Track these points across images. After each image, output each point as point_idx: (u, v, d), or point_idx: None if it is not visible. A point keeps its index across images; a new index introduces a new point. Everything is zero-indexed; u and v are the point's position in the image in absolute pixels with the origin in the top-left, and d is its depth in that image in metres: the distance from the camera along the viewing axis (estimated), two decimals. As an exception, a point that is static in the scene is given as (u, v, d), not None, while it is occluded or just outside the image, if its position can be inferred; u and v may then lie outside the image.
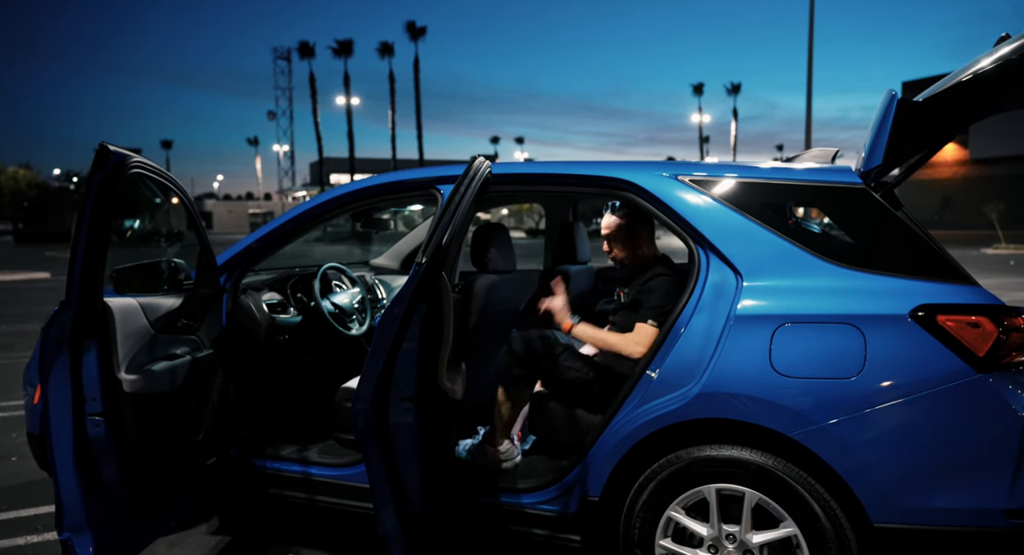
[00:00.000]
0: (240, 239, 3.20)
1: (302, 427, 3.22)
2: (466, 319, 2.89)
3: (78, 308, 2.13)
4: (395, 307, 1.93)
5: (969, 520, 2.05)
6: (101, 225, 2.12)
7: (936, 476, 2.07)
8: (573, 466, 2.51)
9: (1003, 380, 2.06)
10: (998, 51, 2.18)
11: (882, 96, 2.43)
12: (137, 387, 2.32)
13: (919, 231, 2.30)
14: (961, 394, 2.05)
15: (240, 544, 3.13)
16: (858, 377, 2.09)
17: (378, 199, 3.09)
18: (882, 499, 2.10)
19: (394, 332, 1.89)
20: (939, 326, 2.08)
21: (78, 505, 2.18)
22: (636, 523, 2.39)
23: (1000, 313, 2.09)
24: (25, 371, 3.56)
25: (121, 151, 2.19)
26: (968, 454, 2.06)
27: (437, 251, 1.91)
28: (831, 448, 2.11)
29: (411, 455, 2.06)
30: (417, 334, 1.90)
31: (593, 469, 2.46)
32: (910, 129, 2.31)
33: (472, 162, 2.15)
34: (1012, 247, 24.85)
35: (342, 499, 2.89)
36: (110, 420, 2.23)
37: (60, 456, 2.16)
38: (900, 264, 2.23)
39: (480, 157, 2.21)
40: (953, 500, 2.05)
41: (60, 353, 2.14)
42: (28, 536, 3.22)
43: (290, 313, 3.40)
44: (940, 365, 2.06)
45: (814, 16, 21.26)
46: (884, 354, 2.10)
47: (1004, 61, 2.10)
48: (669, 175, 2.60)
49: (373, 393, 1.92)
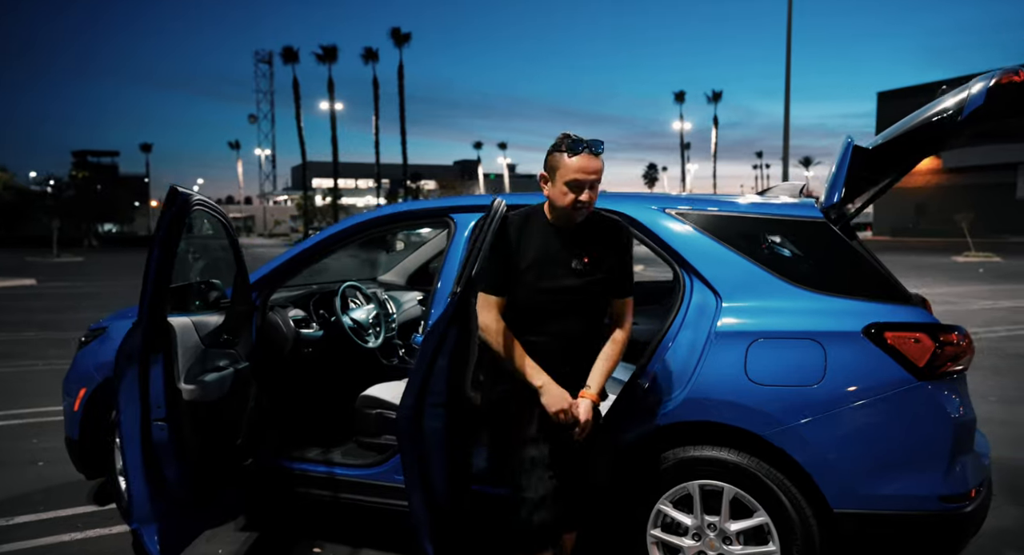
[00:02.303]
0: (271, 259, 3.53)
1: (325, 432, 3.55)
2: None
3: (147, 326, 2.45)
4: (434, 330, 2.26)
5: (911, 505, 2.44)
6: (170, 252, 2.45)
7: (884, 468, 2.45)
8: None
9: (939, 387, 2.45)
10: (937, 106, 2.59)
11: (842, 142, 2.84)
12: (194, 396, 2.64)
13: (870, 258, 2.69)
14: (905, 399, 2.43)
15: (268, 540, 3.45)
16: (819, 384, 2.46)
17: (397, 225, 3.44)
18: (840, 488, 2.47)
19: (431, 352, 2.24)
20: (886, 341, 2.46)
21: (145, 500, 2.50)
22: (631, 515, 2.74)
23: (937, 330, 2.48)
24: (64, 381, 3.86)
25: (186, 191, 2.53)
26: (910, 449, 2.45)
27: (468, 282, 2.25)
28: (797, 445, 2.48)
29: (439, 454, 2.40)
30: (449, 353, 2.24)
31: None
32: (863, 171, 2.71)
33: (492, 202, 2.50)
34: (981, 255, 25.61)
35: (364, 496, 3.21)
36: (172, 425, 2.55)
37: (131, 457, 2.48)
38: (854, 287, 2.61)
39: (498, 199, 2.56)
40: (898, 488, 2.43)
41: (131, 366, 2.46)
42: (72, 533, 3.51)
43: (312, 328, 3.73)
44: (887, 374, 2.44)
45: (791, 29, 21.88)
46: (841, 365, 2.48)
47: (942, 117, 2.49)
48: (657, 207, 2.96)
49: (413, 402, 2.26)
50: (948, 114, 2.47)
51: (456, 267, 3.12)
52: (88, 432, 3.69)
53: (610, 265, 2.43)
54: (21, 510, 3.79)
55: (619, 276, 2.46)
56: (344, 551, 3.33)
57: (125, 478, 2.51)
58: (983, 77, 2.50)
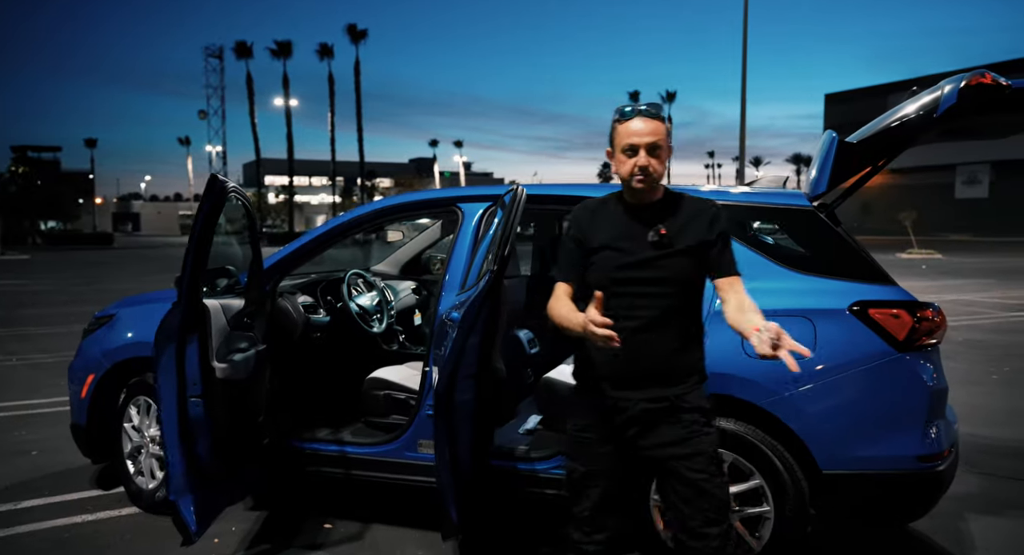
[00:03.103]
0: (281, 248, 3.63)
1: (334, 413, 3.68)
2: None
3: (186, 307, 2.57)
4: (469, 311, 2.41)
5: (892, 465, 2.70)
6: (208, 239, 2.57)
7: (868, 432, 2.71)
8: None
9: (916, 358, 2.73)
10: (910, 104, 2.87)
11: (823, 136, 3.11)
12: (226, 374, 2.76)
13: (853, 243, 2.95)
14: (886, 369, 2.70)
15: (279, 517, 3.56)
16: (812, 356, 2.70)
17: (404, 214, 3.59)
18: (828, 452, 2.72)
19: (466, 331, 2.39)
20: (870, 317, 2.72)
21: (181, 473, 2.61)
22: (636, 482, 2.94)
23: (915, 307, 2.75)
24: (70, 369, 3.91)
25: (223, 180, 2.65)
26: (891, 414, 2.71)
27: (503, 261, 2.42)
28: (791, 413, 2.72)
29: (467, 426, 2.57)
30: (481, 331, 2.41)
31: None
32: (846, 163, 2.97)
33: (515, 190, 2.67)
34: (924, 252, 26.71)
35: (376, 472, 3.36)
36: (207, 401, 2.67)
37: (168, 432, 2.59)
38: (840, 269, 2.87)
39: (518, 185, 2.73)
40: (880, 449, 2.70)
41: (169, 344, 2.56)
42: (83, 516, 3.57)
43: (320, 314, 3.85)
44: (871, 347, 2.70)
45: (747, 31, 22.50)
46: (829, 339, 2.73)
47: (920, 114, 2.78)
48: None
49: (448, 378, 2.42)
50: (925, 111, 2.75)
51: (465, 253, 3.30)
52: (95, 418, 3.75)
53: (694, 241, 2.11)
54: (26, 495, 3.82)
55: (711, 254, 2.14)
56: (354, 527, 3.46)
57: (163, 452, 2.62)
58: (953, 79, 2.79)
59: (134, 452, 3.68)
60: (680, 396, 2.14)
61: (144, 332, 3.66)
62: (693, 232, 2.13)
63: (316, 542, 3.31)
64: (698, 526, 2.10)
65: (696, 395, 2.17)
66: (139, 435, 3.65)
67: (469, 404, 2.52)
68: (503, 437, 3.33)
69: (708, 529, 2.09)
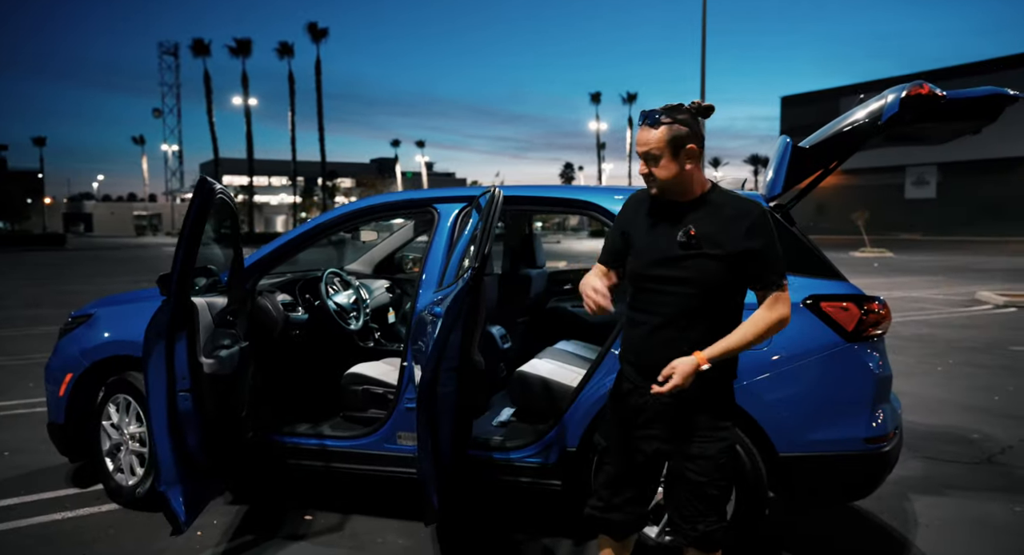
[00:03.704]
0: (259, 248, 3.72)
1: (313, 408, 3.78)
2: None
3: (175, 304, 2.66)
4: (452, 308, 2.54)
5: (842, 447, 2.91)
6: (197, 238, 2.66)
7: (820, 416, 2.92)
8: (551, 427, 3.21)
9: (863, 348, 2.94)
10: (858, 112, 3.10)
11: (778, 141, 3.32)
12: (213, 369, 2.85)
13: (807, 242, 3.16)
14: (836, 358, 2.91)
15: (260, 510, 3.65)
16: (768, 347, 2.90)
17: (382, 214, 3.71)
18: (785, 436, 2.92)
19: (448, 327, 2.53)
20: (822, 310, 2.93)
21: (171, 465, 2.70)
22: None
23: (862, 300, 2.97)
24: (46, 369, 3.94)
25: (213, 182, 2.75)
26: (841, 400, 2.93)
27: (483, 258, 2.56)
28: (752, 401, 2.91)
29: (448, 418, 2.71)
30: (462, 326, 2.55)
31: (571, 427, 3.16)
32: (799, 166, 3.19)
33: (493, 191, 2.81)
34: (876, 251, 27.59)
35: (356, 464, 3.48)
36: (195, 396, 2.76)
37: (158, 425, 2.67)
38: (795, 266, 3.06)
39: (496, 188, 2.87)
40: (831, 433, 2.91)
41: (159, 341, 2.65)
42: (63, 513, 3.62)
43: (298, 312, 3.94)
44: (822, 338, 2.91)
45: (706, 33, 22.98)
46: (785, 331, 2.88)
47: (866, 121, 3.00)
48: (622, 198, 3.35)
49: (431, 373, 2.54)
50: (871, 118, 2.98)
51: (442, 252, 3.43)
52: (73, 416, 3.79)
53: (725, 247, 2.10)
54: (2, 495, 3.84)
55: (747, 262, 2.11)
56: (334, 518, 3.57)
57: (153, 445, 2.70)
58: (895, 89, 3.02)
59: (113, 450, 3.72)
60: (694, 397, 2.15)
61: (123, 331, 3.72)
62: (727, 236, 2.10)
63: (298, 533, 3.41)
64: (691, 516, 2.22)
65: (714, 398, 2.20)
66: (118, 433, 3.70)
67: (451, 396, 2.66)
68: (478, 428, 3.46)
69: (698, 522, 2.21)
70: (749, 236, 2.10)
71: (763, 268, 2.14)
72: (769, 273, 2.14)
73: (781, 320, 2.17)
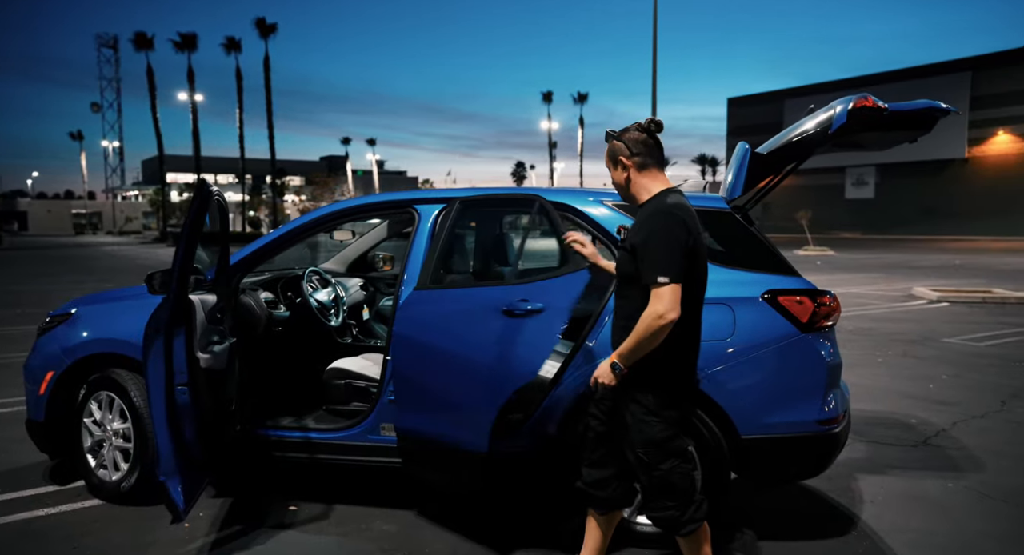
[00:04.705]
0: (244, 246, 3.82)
1: (296, 402, 3.90)
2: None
3: (174, 302, 2.76)
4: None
5: (797, 429, 3.18)
6: (195, 238, 2.77)
7: (778, 401, 3.18)
8: (527, 419, 3.39)
9: (816, 338, 3.22)
10: (808, 121, 3.37)
11: (737, 147, 3.58)
12: (209, 364, 2.96)
13: (765, 241, 3.43)
14: (792, 347, 3.17)
15: (246, 502, 3.75)
16: (731, 338, 3.15)
17: (363, 215, 3.85)
18: (746, 419, 3.17)
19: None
20: (779, 304, 3.19)
21: (170, 456, 2.80)
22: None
23: (815, 294, 3.25)
24: (25, 368, 3.97)
25: (211, 186, 2.87)
26: (796, 386, 3.19)
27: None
28: (715, 387, 3.15)
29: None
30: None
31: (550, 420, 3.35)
32: (757, 171, 3.45)
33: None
34: (818, 249, 28.59)
35: (340, 455, 3.60)
36: (192, 389, 2.86)
37: (157, 418, 2.77)
38: (753, 263, 3.34)
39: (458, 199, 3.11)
40: (787, 416, 3.17)
41: (158, 337, 2.75)
42: (45, 509, 3.66)
43: (280, 309, 4.05)
44: (779, 329, 3.18)
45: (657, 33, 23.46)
46: (746, 323, 3.18)
47: (817, 130, 3.27)
48: (594, 199, 3.57)
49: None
50: (821, 127, 3.25)
51: (422, 252, 3.58)
52: (54, 414, 3.83)
53: (631, 241, 2.46)
54: (-20, 494, 3.85)
55: (637, 257, 2.42)
56: (318, 507, 3.70)
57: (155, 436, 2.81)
58: (842, 101, 3.30)
59: (95, 446, 3.78)
60: (624, 388, 2.48)
61: (106, 329, 3.78)
62: (632, 233, 2.51)
63: (284, 522, 3.53)
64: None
65: (642, 387, 2.46)
66: (100, 430, 3.75)
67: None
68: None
69: (650, 506, 2.54)
70: (635, 232, 2.47)
71: (641, 263, 2.41)
72: (645, 269, 2.39)
73: (653, 315, 2.33)
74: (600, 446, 2.63)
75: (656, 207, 2.47)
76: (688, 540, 2.52)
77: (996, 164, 45.29)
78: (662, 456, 2.46)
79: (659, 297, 2.33)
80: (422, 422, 3.15)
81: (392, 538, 3.36)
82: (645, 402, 2.46)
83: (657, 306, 2.33)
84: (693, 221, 2.45)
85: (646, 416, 2.46)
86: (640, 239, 2.41)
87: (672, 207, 2.44)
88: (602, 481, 2.62)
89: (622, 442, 2.54)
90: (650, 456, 2.45)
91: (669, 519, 2.50)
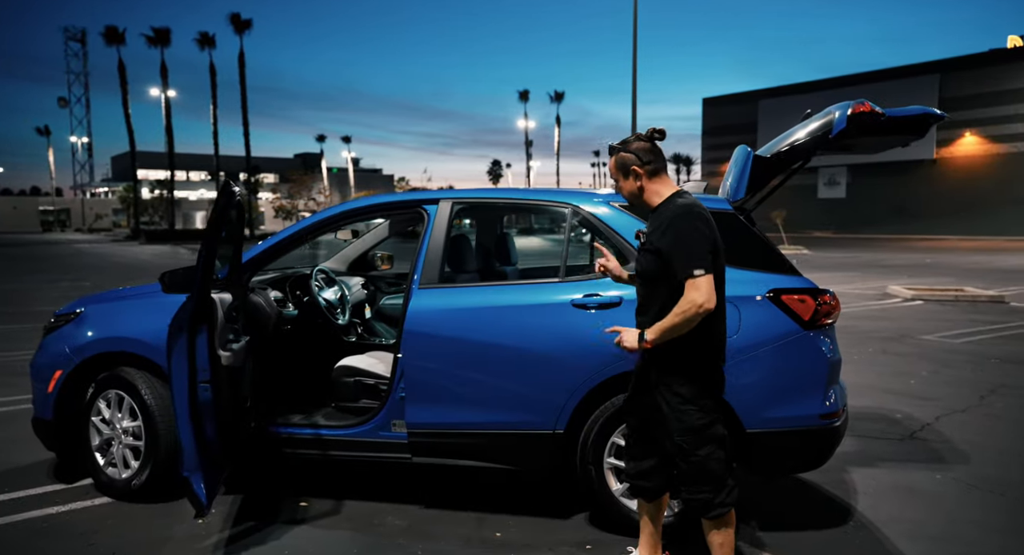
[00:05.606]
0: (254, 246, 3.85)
1: (306, 399, 3.94)
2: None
3: (198, 300, 2.80)
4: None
5: (799, 423, 3.30)
6: (218, 236, 2.81)
7: (781, 396, 3.29)
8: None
9: (818, 335, 3.34)
10: (807, 126, 3.49)
11: (737, 150, 3.71)
12: (229, 362, 3.00)
13: (767, 242, 3.54)
14: (795, 344, 3.29)
15: (257, 499, 3.79)
16: (737, 336, 3.26)
17: (372, 214, 3.90)
18: (751, 414, 3.28)
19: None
20: (783, 302, 3.31)
21: (193, 453, 2.84)
22: (590, 447, 3.40)
23: (817, 293, 3.37)
24: (32, 366, 3.97)
25: (235, 186, 2.91)
26: (799, 381, 3.31)
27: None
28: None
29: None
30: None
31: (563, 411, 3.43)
32: (759, 173, 3.57)
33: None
34: (794, 248, 29.03)
35: (352, 451, 3.66)
36: (214, 386, 2.90)
37: (181, 415, 2.81)
38: (757, 263, 3.45)
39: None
40: (791, 410, 3.29)
41: (182, 335, 2.79)
42: (55, 507, 3.66)
43: (289, 307, 4.09)
44: (783, 327, 3.29)
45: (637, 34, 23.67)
46: (751, 321, 3.29)
47: (818, 134, 3.40)
48: (601, 200, 3.66)
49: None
50: (822, 131, 3.38)
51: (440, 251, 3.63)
52: (62, 412, 3.83)
53: (654, 243, 2.58)
54: (-13, 493, 3.84)
55: (664, 257, 2.54)
56: (328, 503, 3.74)
57: (178, 432, 2.84)
58: (840, 106, 3.43)
59: (103, 444, 3.79)
60: (660, 380, 2.64)
61: (115, 328, 3.79)
62: (654, 236, 2.62)
63: (296, 518, 3.57)
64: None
65: (678, 378, 2.61)
66: (109, 428, 3.76)
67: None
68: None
69: (686, 490, 2.67)
70: (659, 234, 2.58)
71: (672, 261, 2.53)
72: (678, 265, 2.52)
73: (692, 303, 2.47)
74: (639, 440, 2.81)
75: (677, 209, 2.59)
76: (716, 523, 2.65)
77: (963, 165, 46.32)
78: (700, 442, 2.61)
79: (696, 287, 2.47)
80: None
81: (404, 533, 3.43)
82: (682, 392, 2.61)
83: (695, 296, 2.47)
84: (711, 219, 2.61)
85: (683, 405, 2.60)
86: (668, 240, 2.54)
87: (692, 206, 2.59)
88: (645, 472, 2.81)
89: (660, 431, 2.67)
90: (689, 443, 2.60)
91: (703, 502, 2.64)
